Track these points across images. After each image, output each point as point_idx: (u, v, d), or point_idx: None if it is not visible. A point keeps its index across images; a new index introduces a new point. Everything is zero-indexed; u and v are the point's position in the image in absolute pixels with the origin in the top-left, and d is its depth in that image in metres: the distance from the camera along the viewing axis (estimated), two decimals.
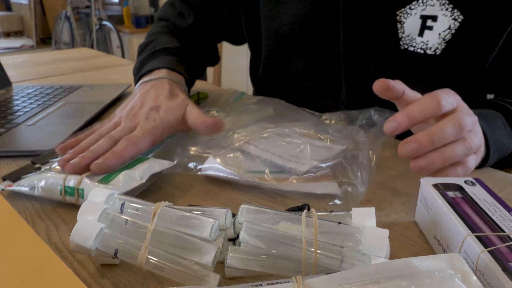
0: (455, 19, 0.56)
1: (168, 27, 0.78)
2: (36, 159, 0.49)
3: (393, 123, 0.41)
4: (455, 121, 0.41)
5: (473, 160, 0.44)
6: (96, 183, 0.42)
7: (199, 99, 0.79)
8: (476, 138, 0.43)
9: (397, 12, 0.59)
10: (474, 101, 0.62)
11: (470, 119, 0.43)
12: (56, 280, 0.32)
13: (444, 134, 0.41)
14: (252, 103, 0.65)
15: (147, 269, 0.31)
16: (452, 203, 0.36)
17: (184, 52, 0.70)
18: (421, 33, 0.58)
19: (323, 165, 0.46)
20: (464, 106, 0.44)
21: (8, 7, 5.60)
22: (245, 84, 3.37)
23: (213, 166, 0.48)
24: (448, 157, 0.42)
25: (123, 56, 3.70)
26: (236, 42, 0.86)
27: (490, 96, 0.67)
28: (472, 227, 0.33)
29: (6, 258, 0.34)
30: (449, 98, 0.42)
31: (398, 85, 0.44)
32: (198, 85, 0.81)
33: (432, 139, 0.41)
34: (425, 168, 0.41)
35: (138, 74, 0.64)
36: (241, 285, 0.25)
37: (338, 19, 0.63)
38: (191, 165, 0.50)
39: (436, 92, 0.43)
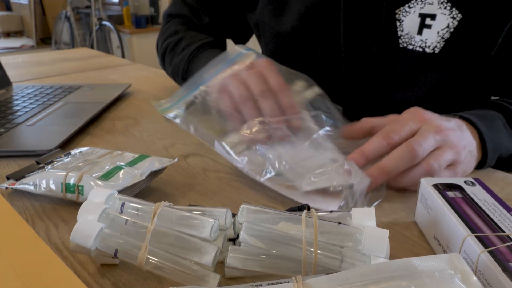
0: (453, 18, 0.56)
1: (185, 24, 0.82)
2: (41, 159, 0.49)
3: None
4: (407, 150, 0.43)
5: (445, 174, 0.46)
6: (96, 180, 0.42)
7: None
8: (443, 157, 0.44)
9: (396, 11, 0.59)
10: (475, 101, 0.62)
11: (431, 141, 0.43)
12: (56, 280, 0.32)
13: (395, 166, 0.43)
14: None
15: (147, 269, 0.31)
16: (452, 203, 0.36)
17: (216, 45, 0.76)
18: (420, 32, 0.59)
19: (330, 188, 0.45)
20: (431, 122, 0.45)
21: (8, 7, 5.60)
22: None
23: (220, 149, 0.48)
24: (405, 184, 0.45)
25: (123, 56, 3.70)
26: (240, 40, 0.88)
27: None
28: (472, 227, 0.33)
29: (6, 258, 0.34)
30: (426, 142, 0.43)
31: (363, 126, 0.47)
32: None
33: (384, 172, 0.43)
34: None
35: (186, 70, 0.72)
36: (241, 285, 0.25)
37: (339, 17, 0.63)
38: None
39: (411, 140, 0.43)
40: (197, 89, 0.54)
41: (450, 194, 0.38)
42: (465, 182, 0.40)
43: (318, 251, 0.30)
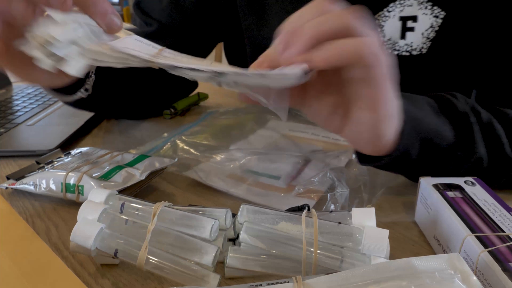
0: (436, 16, 0.54)
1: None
2: (41, 159, 0.49)
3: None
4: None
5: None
6: (96, 180, 0.42)
7: (199, 99, 0.79)
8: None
9: (375, 16, 0.58)
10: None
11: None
12: (56, 280, 0.32)
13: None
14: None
15: (147, 269, 0.31)
16: (452, 203, 0.36)
17: None
18: (403, 36, 0.56)
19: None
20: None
21: None
22: None
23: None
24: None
25: None
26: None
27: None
28: (472, 227, 0.33)
29: (6, 258, 0.34)
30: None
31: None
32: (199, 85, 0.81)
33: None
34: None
35: None
36: (241, 285, 0.25)
37: None
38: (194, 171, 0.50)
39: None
40: None
41: (450, 194, 0.38)
42: (465, 182, 0.40)
43: (318, 251, 0.30)
